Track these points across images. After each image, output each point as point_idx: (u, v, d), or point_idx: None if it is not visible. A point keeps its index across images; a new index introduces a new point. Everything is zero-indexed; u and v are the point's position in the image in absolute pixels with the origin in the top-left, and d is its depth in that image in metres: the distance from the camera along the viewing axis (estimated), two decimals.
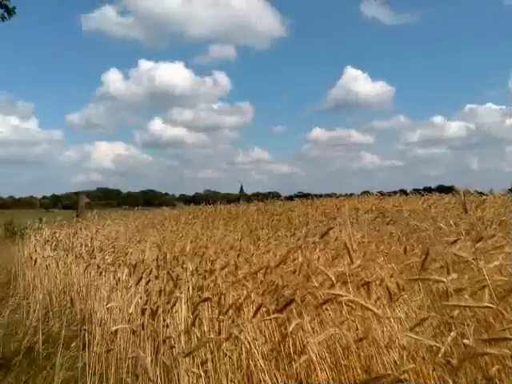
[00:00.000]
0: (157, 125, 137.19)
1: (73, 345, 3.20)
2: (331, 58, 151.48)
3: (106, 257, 4.13)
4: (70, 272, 4.71)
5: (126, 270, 3.26)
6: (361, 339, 1.69)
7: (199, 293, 2.53)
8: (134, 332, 2.46)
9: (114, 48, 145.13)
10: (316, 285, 1.96)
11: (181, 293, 2.36)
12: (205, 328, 2.24)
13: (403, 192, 11.39)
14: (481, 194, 7.64)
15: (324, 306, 1.88)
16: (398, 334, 1.59)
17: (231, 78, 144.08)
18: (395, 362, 1.63)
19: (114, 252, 4.25)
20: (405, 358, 1.56)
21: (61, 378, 2.70)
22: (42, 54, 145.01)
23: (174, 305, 2.31)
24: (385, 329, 1.78)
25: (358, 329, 1.81)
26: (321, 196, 13.47)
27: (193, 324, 2.11)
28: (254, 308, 2.11)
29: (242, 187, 30.20)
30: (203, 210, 11.21)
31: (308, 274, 2.09)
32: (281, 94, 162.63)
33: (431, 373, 1.54)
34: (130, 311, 2.62)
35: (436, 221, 4.15)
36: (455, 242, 2.21)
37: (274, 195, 14.64)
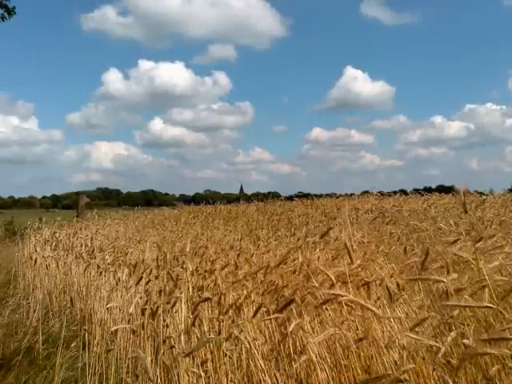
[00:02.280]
0: (157, 125, 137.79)
1: (73, 345, 3.20)
2: (331, 58, 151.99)
3: (106, 257, 4.13)
4: (69, 272, 4.70)
5: (126, 270, 3.26)
6: (361, 339, 1.69)
7: (199, 293, 2.53)
8: (134, 332, 2.46)
9: (114, 48, 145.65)
10: (316, 285, 1.96)
11: (181, 293, 2.36)
12: (205, 328, 2.24)
13: (403, 192, 11.37)
14: (481, 194, 7.64)
15: (324, 306, 1.88)
16: (398, 334, 1.59)
17: (231, 77, 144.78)
18: (395, 362, 1.63)
19: (113, 252, 4.25)
20: (405, 358, 1.55)
21: (61, 377, 2.70)
22: (42, 54, 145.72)
23: (174, 305, 2.31)
24: (385, 329, 1.78)
25: (358, 329, 1.81)
26: (321, 196, 13.47)
27: (193, 324, 2.11)
28: (254, 308, 2.11)
29: (242, 187, 30.34)
30: (203, 210, 11.21)
31: (308, 274, 2.09)
32: (281, 94, 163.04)
33: (431, 373, 1.54)
34: (130, 311, 2.62)
35: (436, 221, 4.15)
36: (455, 242, 2.20)
37: (274, 195, 14.61)
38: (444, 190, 10.68)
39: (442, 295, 1.74)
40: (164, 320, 2.28)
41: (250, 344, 1.90)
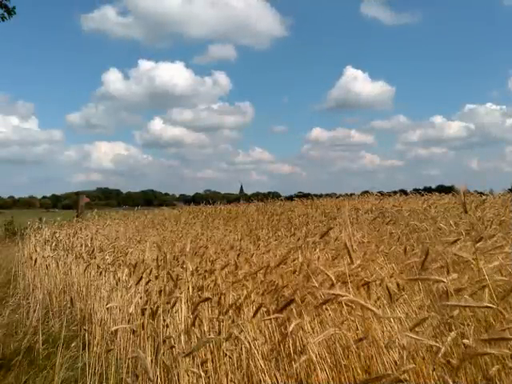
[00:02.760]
0: (157, 125, 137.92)
1: (73, 345, 3.20)
2: (331, 58, 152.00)
3: (106, 257, 4.13)
4: (70, 272, 4.70)
5: (126, 270, 3.26)
6: (361, 339, 1.69)
7: (199, 293, 2.53)
8: (134, 332, 2.46)
9: (114, 48, 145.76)
10: (316, 285, 1.96)
11: (181, 293, 2.36)
12: (205, 328, 2.24)
13: (403, 192, 11.35)
14: (481, 194, 7.63)
15: (324, 306, 1.88)
16: (398, 334, 1.59)
17: (231, 77, 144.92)
18: (395, 362, 1.63)
19: (113, 252, 4.25)
20: (405, 357, 1.55)
21: (61, 377, 2.70)
22: (42, 53, 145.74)
23: (174, 305, 2.31)
24: (385, 329, 1.78)
25: (358, 329, 1.81)
26: (321, 196, 13.46)
27: (193, 324, 2.11)
28: (254, 308, 2.11)
29: (241, 187, 30.39)
30: (203, 210, 11.20)
31: (308, 274, 2.09)
32: (281, 94, 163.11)
33: (431, 373, 1.54)
34: (130, 311, 2.62)
35: (436, 221, 4.15)
36: (455, 242, 2.20)
37: (274, 195, 14.60)
38: (444, 189, 10.67)
39: (442, 295, 1.74)
40: (164, 320, 2.28)
41: (249, 344, 1.90)
